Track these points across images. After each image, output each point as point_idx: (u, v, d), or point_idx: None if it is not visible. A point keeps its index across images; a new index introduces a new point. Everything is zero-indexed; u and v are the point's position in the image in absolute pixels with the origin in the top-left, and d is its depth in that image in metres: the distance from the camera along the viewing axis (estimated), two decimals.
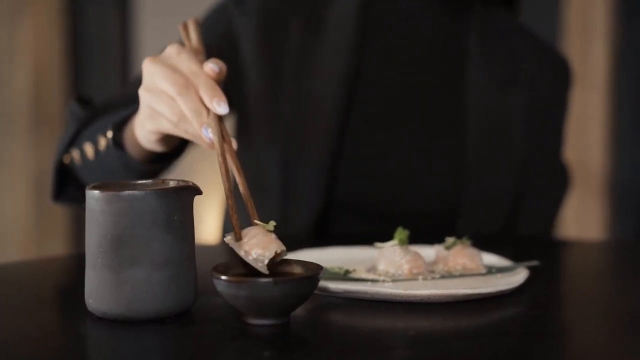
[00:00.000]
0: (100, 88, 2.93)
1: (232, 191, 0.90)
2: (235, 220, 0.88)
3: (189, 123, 0.95)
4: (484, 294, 0.94)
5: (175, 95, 0.94)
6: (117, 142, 1.14)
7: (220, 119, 0.94)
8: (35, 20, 2.82)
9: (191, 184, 0.88)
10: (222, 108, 0.93)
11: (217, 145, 0.92)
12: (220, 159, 0.91)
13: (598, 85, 2.74)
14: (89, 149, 1.19)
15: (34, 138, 2.78)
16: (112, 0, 2.97)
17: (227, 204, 1.44)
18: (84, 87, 2.93)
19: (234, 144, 0.94)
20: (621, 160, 2.77)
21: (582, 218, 2.76)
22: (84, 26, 2.95)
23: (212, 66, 0.96)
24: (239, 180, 0.93)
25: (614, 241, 2.40)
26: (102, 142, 1.17)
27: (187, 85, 0.94)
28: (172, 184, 0.90)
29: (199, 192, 0.88)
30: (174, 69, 0.95)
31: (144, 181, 0.92)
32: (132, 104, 1.13)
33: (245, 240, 0.87)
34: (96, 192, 0.85)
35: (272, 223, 0.89)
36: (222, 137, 0.93)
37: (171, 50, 0.98)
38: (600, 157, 2.76)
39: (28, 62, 2.81)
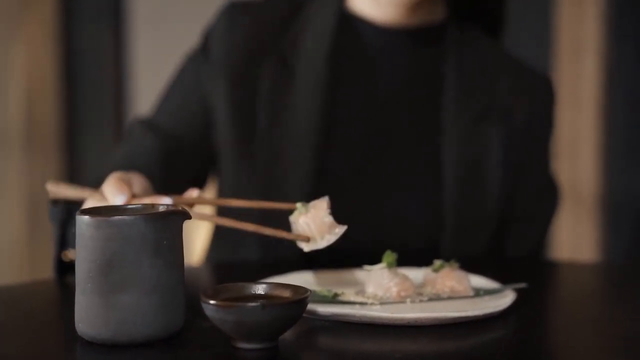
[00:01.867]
0: (93, 110, 2.94)
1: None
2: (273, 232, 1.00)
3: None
4: (472, 316, 0.95)
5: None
6: None
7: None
8: (29, 41, 2.83)
9: (180, 208, 0.89)
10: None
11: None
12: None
13: (589, 105, 2.75)
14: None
15: (28, 159, 2.78)
16: (106, 22, 2.98)
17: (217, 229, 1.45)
18: (77, 109, 2.94)
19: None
20: (614, 180, 2.78)
21: (576, 238, 2.77)
22: (78, 47, 2.95)
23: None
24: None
25: (604, 263, 2.40)
26: None
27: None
28: (161, 208, 0.91)
29: (188, 217, 0.89)
30: None
31: (133, 206, 0.93)
32: None
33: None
34: (86, 217, 0.86)
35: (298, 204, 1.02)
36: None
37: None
38: (593, 177, 2.77)
39: (22, 84, 2.82)
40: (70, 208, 1.24)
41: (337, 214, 1.35)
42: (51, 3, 2.88)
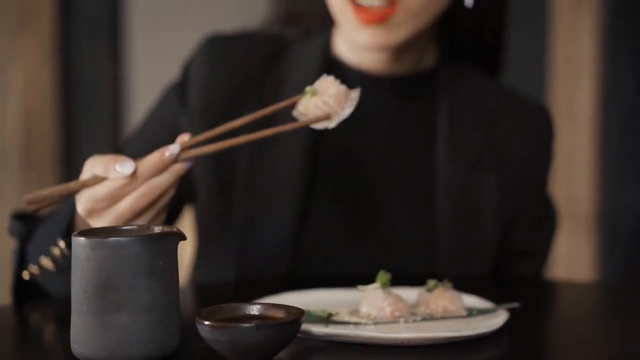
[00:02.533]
0: (91, 127, 2.95)
1: None
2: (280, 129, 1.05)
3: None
4: (464, 336, 0.96)
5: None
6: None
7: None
8: (26, 58, 2.84)
9: (175, 229, 0.90)
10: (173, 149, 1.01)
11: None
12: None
13: (585, 122, 2.76)
14: (47, 263, 1.15)
15: (25, 176, 2.79)
16: (103, 39, 2.99)
17: None
18: (75, 128, 2.95)
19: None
20: (610, 197, 2.78)
21: (572, 256, 2.77)
22: (75, 65, 2.97)
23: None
24: None
25: (599, 282, 2.41)
26: (56, 252, 1.14)
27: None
28: (156, 229, 0.91)
29: (184, 238, 0.90)
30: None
31: (128, 227, 0.93)
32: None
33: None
34: (81, 239, 0.86)
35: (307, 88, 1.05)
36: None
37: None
38: (589, 194, 2.77)
39: (19, 101, 2.83)
40: (32, 223, 1.23)
41: (326, 265, 1.31)
42: (48, 20, 2.89)
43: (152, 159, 1.01)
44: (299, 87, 1.27)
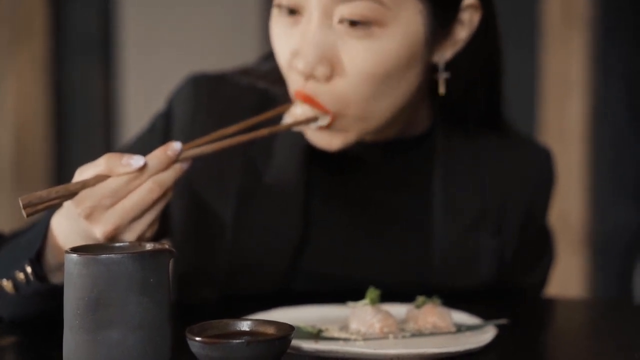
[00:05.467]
0: (83, 143, 2.96)
1: None
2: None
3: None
4: (453, 352, 0.97)
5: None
6: (39, 276, 1.08)
7: None
8: (19, 75, 2.85)
9: (167, 246, 0.91)
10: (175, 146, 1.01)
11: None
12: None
13: (576, 140, 2.77)
14: (7, 285, 1.09)
15: (18, 193, 2.79)
16: (96, 57, 3.00)
17: None
18: (67, 145, 2.96)
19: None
20: (601, 214, 2.79)
21: (563, 272, 2.78)
22: (68, 81, 2.98)
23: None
24: None
25: (590, 299, 2.41)
26: (21, 277, 1.08)
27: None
28: (148, 247, 0.92)
29: (175, 255, 0.91)
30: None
31: (120, 244, 0.94)
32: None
33: None
34: (74, 255, 0.87)
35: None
36: None
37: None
38: (581, 211, 2.78)
39: (12, 117, 2.83)
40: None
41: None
42: (41, 37, 2.91)
43: (158, 154, 1.00)
44: (289, 150, 1.26)
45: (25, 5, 2.88)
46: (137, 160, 0.99)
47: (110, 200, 0.99)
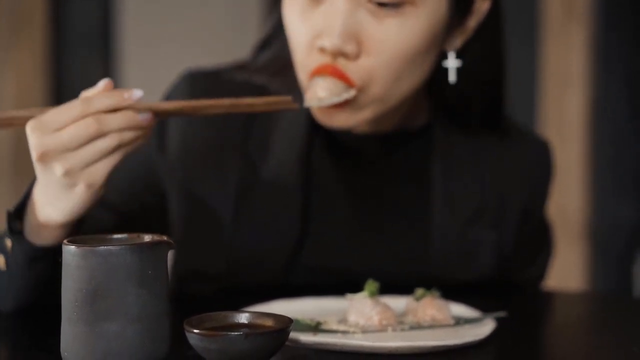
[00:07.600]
0: None
1: None
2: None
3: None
4: (451, 345, 0.97)
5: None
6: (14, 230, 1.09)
7: None
8: (18, 69, 2.85)
9: (165, 238, 0.91)
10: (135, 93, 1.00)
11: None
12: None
13: (576, 135, 2.78)
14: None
15: (16, 186, 2.79)
16: (95, 49, 3.00)
17: None
18: None
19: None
20: (600, 209, 2.79)
21: (563, 266, 2.78)
22: (67, 75, 2.97)
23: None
24: None
25: (590, 292, 2.42)
26: (8, 244, 1.10)
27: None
28: (146, 238, 0.92)
29: (173, 247, 0.91)
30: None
31: (119, 236, 0.94)
32: None
33: None
34: (72, 247, 0.87)
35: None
36: None
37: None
38: (580, 206, 2.79)
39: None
40: None
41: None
42: (40, 31, 2.90)
43: (111, 92, 1.00)
44: (287, 145, 1.26)
45: None
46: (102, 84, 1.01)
47: (53, 126, 1.00)
